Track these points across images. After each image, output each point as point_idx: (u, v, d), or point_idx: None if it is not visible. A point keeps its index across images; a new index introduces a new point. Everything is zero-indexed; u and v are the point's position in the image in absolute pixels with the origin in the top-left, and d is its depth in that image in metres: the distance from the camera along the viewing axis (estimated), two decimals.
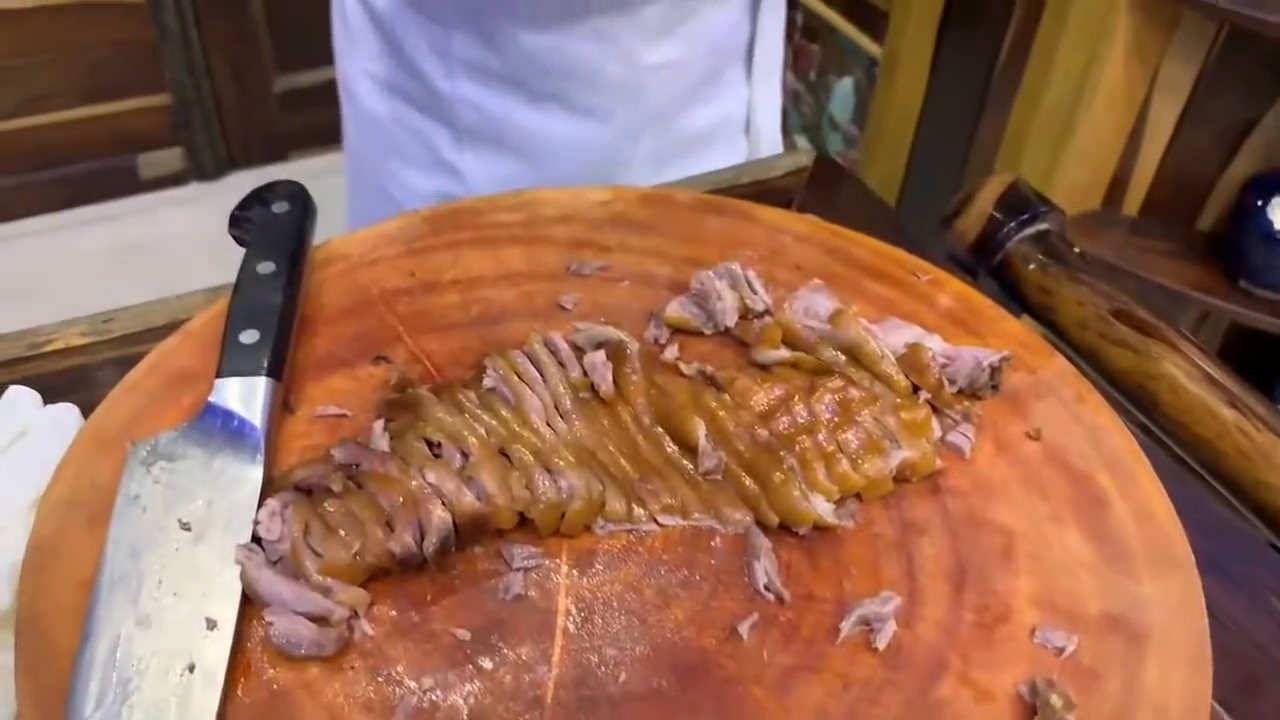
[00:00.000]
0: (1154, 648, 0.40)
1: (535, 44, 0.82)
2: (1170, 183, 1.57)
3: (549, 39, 0.82)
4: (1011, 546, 0.43)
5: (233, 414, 0.44)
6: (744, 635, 0.40)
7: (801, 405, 0.46)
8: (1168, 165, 1.56)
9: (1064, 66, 1.46)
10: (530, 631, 0.39)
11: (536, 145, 0.87)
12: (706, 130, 0.92)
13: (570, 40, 0.82)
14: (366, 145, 0.96)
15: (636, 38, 0.83)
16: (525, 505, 0.42)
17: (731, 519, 0.43)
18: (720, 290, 0.52)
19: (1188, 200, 1.58)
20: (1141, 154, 1.55)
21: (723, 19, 0.88)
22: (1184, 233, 1.59)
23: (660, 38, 0.84)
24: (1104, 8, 1.38)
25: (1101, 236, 1.58)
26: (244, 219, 0.53)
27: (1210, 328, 1.71)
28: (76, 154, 2.31)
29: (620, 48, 0.83)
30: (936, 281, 0.56)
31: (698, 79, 0.89)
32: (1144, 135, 1.53)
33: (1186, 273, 1.53)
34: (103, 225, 2.34)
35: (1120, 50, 1.42)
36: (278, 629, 0.38)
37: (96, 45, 2.20)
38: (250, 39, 2.32)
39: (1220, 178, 1.53)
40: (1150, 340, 0.60)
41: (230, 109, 2.39)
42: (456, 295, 0.53)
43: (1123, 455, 0.48)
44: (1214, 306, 1.51)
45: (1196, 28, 1.42)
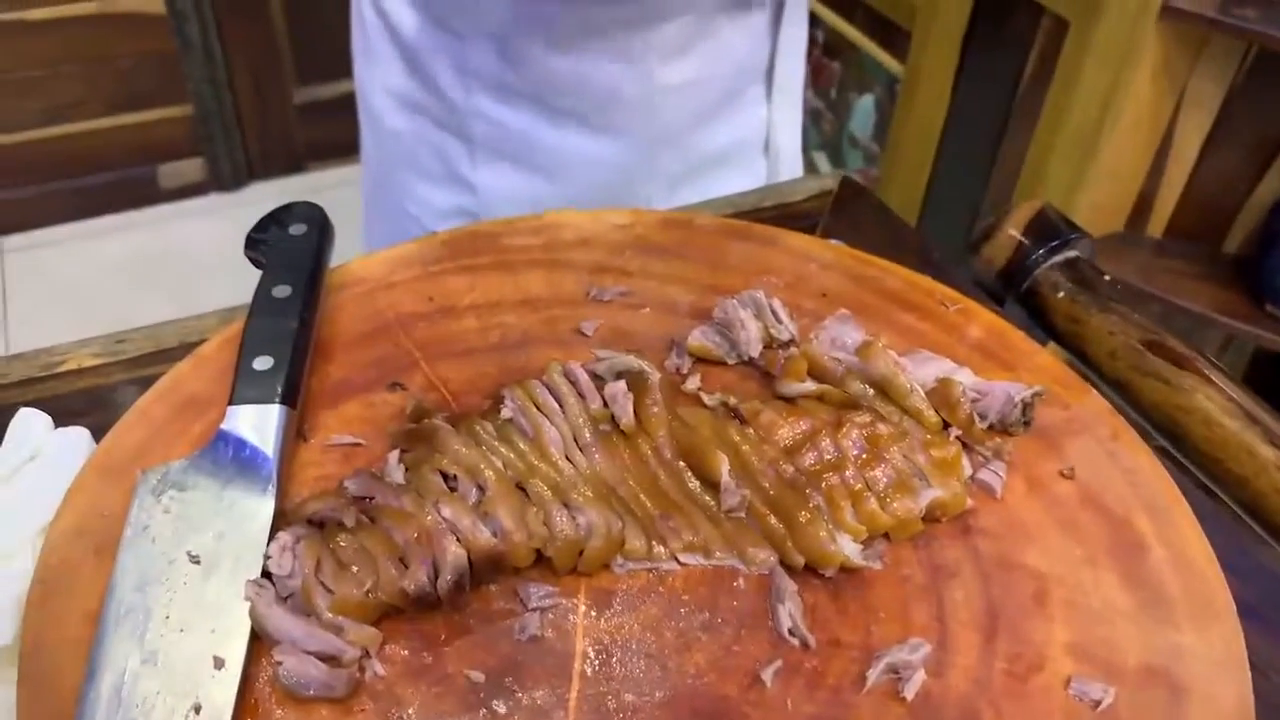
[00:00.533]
0: (1195, 702, 0.38)
1: (553, 62, 0.81)
2: (1196, 204, 1.55)
3: (567, 57, 0.81)
4: (1045, 591, 0.42)
5: (245, 443, 0.43)
6: (767, 682, 0.38)
7: (828, 441, 0.45)
8: (1194, 186, 1.54)
9: (1089, 86, 1.44)
10: (546, 674, 0.38)
11: (553, 162, 0.86)
12: (725, 150, 0.91)
13: (588, 58, 0.81)
14: (384, 160, 0.95)
15: (654, 56, 0.83)
16: (542, 542, 0.41)
17: (755, 559, 0.42)
18: (744, 319, 0.51)
19: (1214, 222, 1.56)
20: (1167, 175, 1.53)
21: (742, 38, 0.87)
22: (1209, 255, 1.56)
23: (678, 57, 0.84)
24: (1130, 27, 1.37)
25: (1126, 258, 1.56)
26: (260, 241, 0.52)
27: (1235, 352, 1.68)
28: (98, 164, 2.32)
29: (638, 66, 0.83)
30: (966, 311, 0.55)
31: (716, 98, 0.88)
32: (1170, 156, 1.51)
33: (1212, 296, 1.50)
34: (123, 234, 2.35)
35: (1147, 70, 1.40)
36: (287, 668, 0.37)
37: (119, 56, 2.21)
38: (271, 51, 2.33)
39: (1247, 199, 1.51)
40: (1183, 372, 0.58)
41: (250, 120, 2.40)
42: (474, 320, 0.52)
43: (1160, 497, 0.46)
44: (1239, 330, 1.49)
45: (1225, 47, 1.40)
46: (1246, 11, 1.32)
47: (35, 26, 2.09)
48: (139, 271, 2.23)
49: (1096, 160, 1.49)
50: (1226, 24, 1.31)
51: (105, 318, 0.54)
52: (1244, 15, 1.31)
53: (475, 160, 0.88)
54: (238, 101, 2.36)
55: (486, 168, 0.88)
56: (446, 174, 0.89)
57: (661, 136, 0.87)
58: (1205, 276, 1.54)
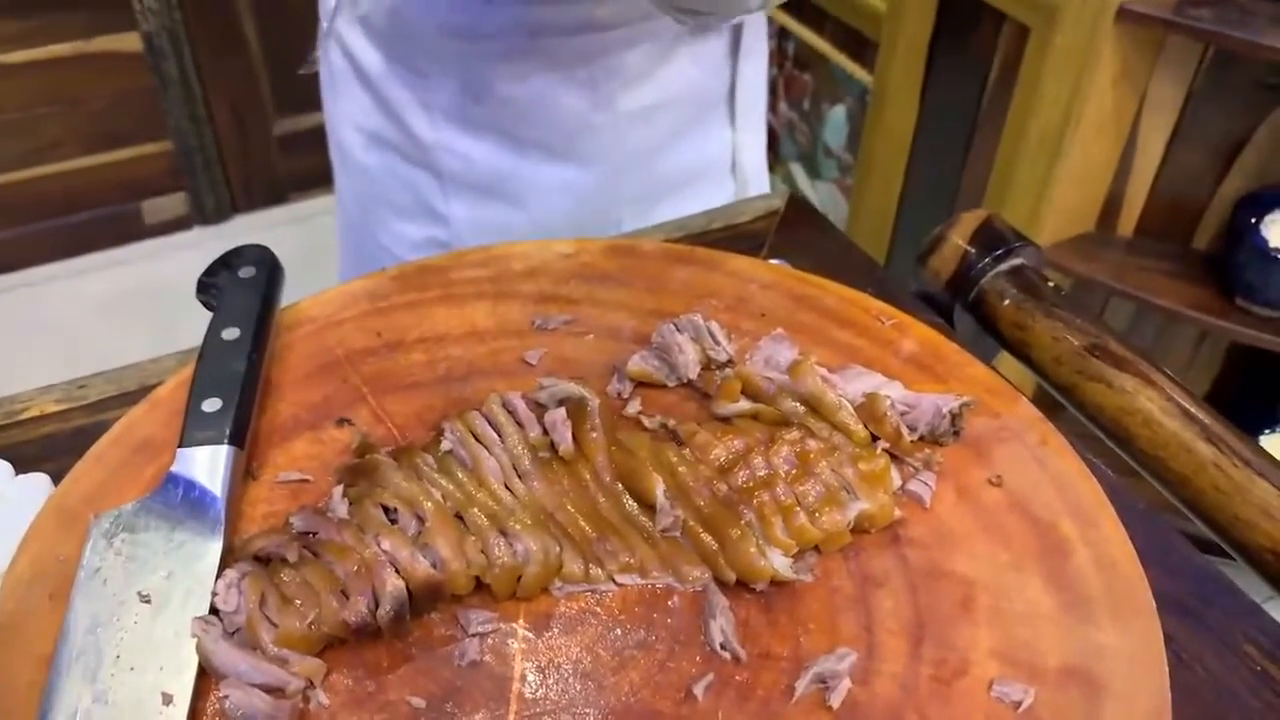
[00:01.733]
0: (1112, 699, 0.40)
1: (516, 93, 0.83)
2: (1164, 203, 1.57)
3: (529, 89, 0.83)
4: (971, 598, 0.43)
5: (194, 484, 0.45)
6: (699, 696, 0.40)
7: (760, 458, 0.46)
8: (1160, 186, 1.56)
9: (1051, 91, 1.46)
10: (485, 698, 0.39)
11: (522, 191, 0.88)
12: (691, 172, 0.93)
13: (551, 89, 0.83)
14: (356, 194, 0.97)
15: (616, 85, 0.84)
16: (481, 570, 0.42)
17: (689, 576, 0.43)
18: (681, 343, 0.52)
19: (1182, 220, 1.58)
20: (1133, 175, 1.55)
21: (701, 65, 0.88)
22: (1180, 252, 1.59)
23: (639, 83, 0.85)
24: (1089, 31, 1.39)
25: (1097, 259, 1.58)
26: (211, 284, 0.54)
27: (1211, 346, 1.70)
28: (81, 202, 2.34)
29: (600, 94, 0.84)
30: (901, 326, 0.56)
31: (680, 123, 0.90)
32: (1135, 157, 1.54)
33: (1183, 292, 1.52)
34: (109, 271, 2.36)
35: (1107, 73, 1.42)
36: (233, 702, 0.38)
37: (98, 95, 2.24)
38: (250, 83, 2.35)
39: (1213, 197, 1.53)
40: (1125, 375, 0.60)
41: (232, 153, 2.42)
42: (422, 354, 0.54)
43: (1087, 501, 0.48)
44: (1212, 325, 1.51)
45: (1183, 49, 1.42)
46: (1201, 12, 1.34)
47: (13, 69, 2.11)
48: (125, 308, 2.25)
49: (1063, 163, 1.51)
50: (1182, 25, 1.34)
51: (92, 356, 0.56)
52: (1199, 16, 1.34)
53: (446, 193, 0.89)
54: (218, 135, 2.38)
55: (457, 199, 0.89)
56: (418, 207, 0.91)
57: (627, 162, 0.88)
58: (1176, 274, 1.56)
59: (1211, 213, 1.54)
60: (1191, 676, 0.47)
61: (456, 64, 0.83)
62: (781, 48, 2.05)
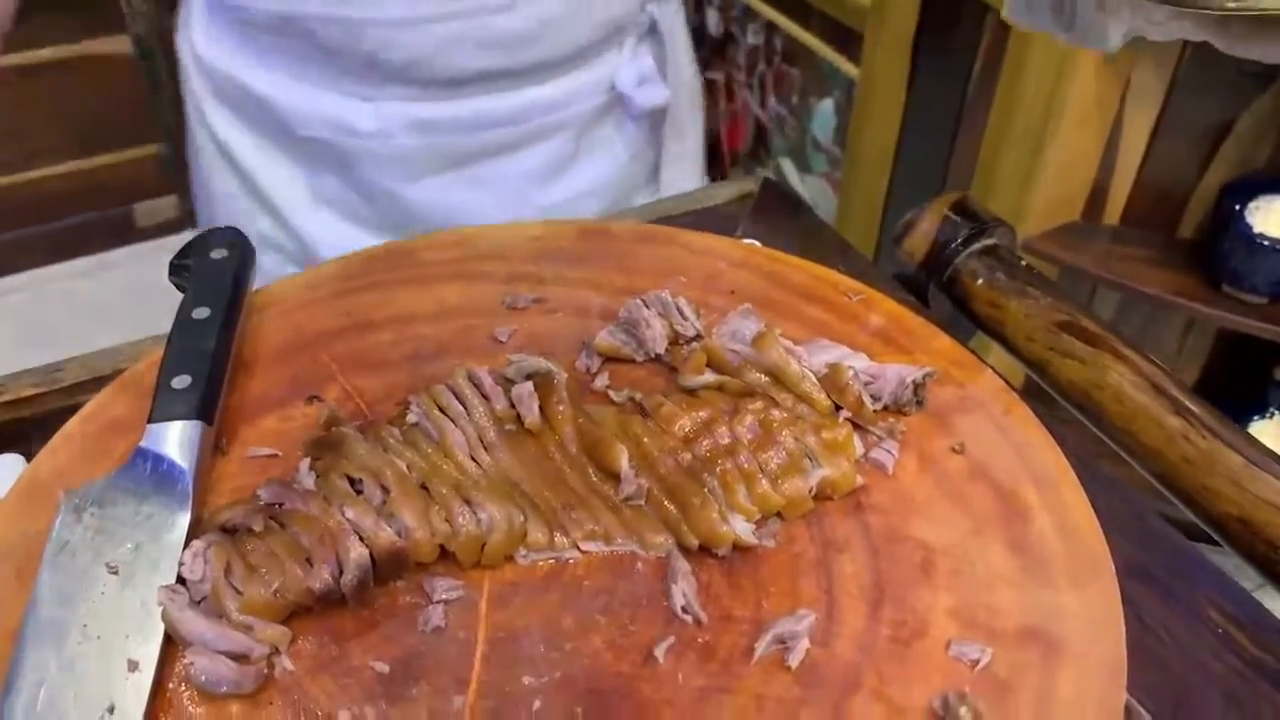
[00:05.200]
0: (1069, 659, 0.40)
1: (411, 194, 0.80)
2: (1149, 191, 1.58)
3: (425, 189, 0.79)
4: (931, 562, 0.44)
5: (162, 458, 0.45)
6: (660, 658, 0.40)
7: (724, 428, 0.46)
8: (1145, 174, 1.57)
9: (1034, 81, 1.47)
10: (448, 663, 0.40)
11: None
12: None
13: (449, 189, 0.79)
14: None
15: (525, 182, 0.81)
16: (445, 538, 0.42)
17: (653, 543, 0.44)
18: (648, 318, 0.53)
19: (1167, 208, 1.58)
20: (1118, 164, 1.56)
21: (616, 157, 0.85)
22: (1165, 240, 1.59)
23: (551, 180, 0.82)
24: None
25: (1083, 247, 1.59)
26: (182, 267, 0.54)
27: (1199, 333, 1.71)
28: (73, 206, 2.35)
29: (506, 193, 0.81)
30: (868, 301, 0.57)
31: (602, 207, 0.86)
32: (1119, 146, 1.54)
33: (1170, 280, 1.53)
34: (101, 275, 2.37)
35: (1090, 63, 1.42)
36: (198, 668, 0.38)
37: (89, 98, 2.24)
38: None
39: (1198, 184, 1.53)
40: (1096, 350, 0.60)
41: None
42: (390, 333, 0.54)
43: (1049, 469, 0.48)
44: (1199, 313, 1.51)
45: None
46: None
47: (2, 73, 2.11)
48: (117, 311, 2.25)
49: (1047, 152, 1.51)
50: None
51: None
52: None
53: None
54: None
55: None
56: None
57: None
58: (1162, 262, 1.56)
59: (1196, 201, 1.55)
60: (1156, 642, 0.47)
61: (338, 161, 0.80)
62: (769, 42, 2.06)
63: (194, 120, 0.89)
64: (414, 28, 0.74)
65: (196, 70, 0.87)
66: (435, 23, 0.74)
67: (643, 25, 0.85)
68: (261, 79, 0.81)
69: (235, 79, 0.83)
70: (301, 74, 0.79)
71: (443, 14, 0.74)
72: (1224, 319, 1.49)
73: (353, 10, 0.74)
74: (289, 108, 0.80)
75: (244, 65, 0.81)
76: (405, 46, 0.75)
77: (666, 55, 0.87)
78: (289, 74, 0.80)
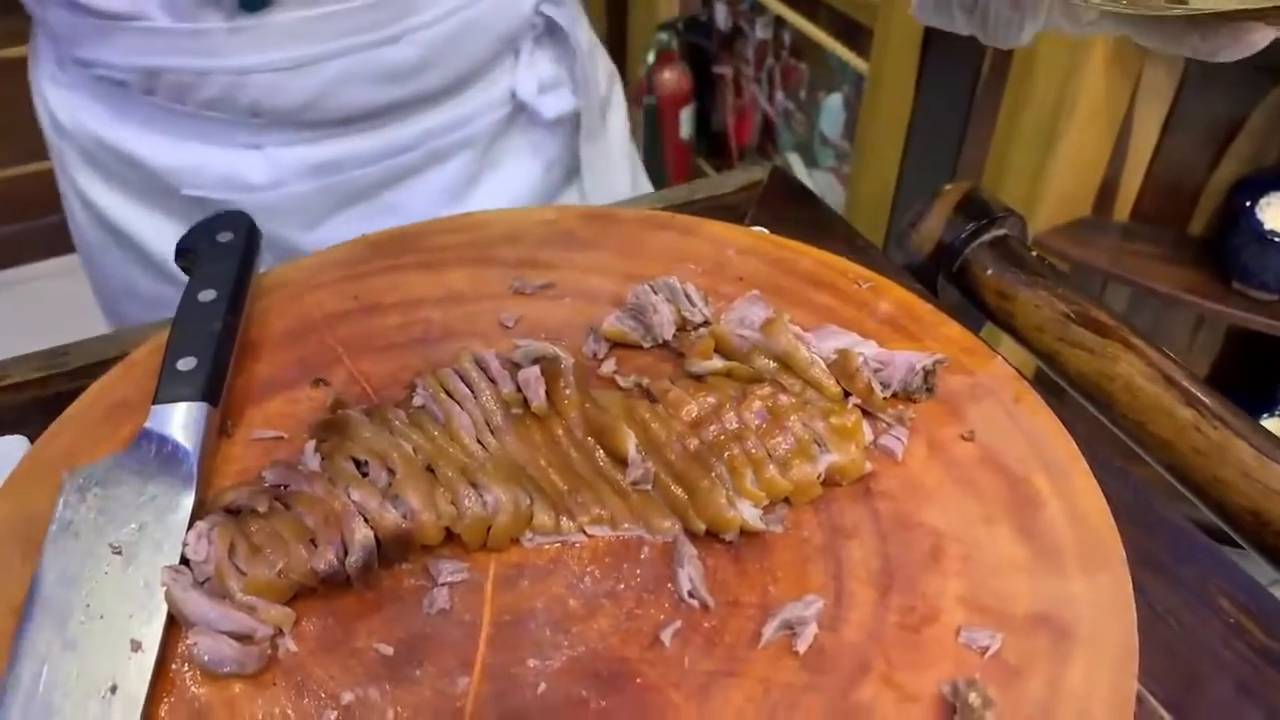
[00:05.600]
0: (1080, 646, 0.40)
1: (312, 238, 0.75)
2: (1159, 188, 1.57)
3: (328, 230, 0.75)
4: (941, 548, 0.43)
5: (167, 439, 0.45)
6: (666, 642, 0.40)
7: (731, 413, 0.46)
8: (1155, 170, 1.56)
9: (1045, 77, 1.46)
10: (453, 645, 0.40)
11: None
12: None
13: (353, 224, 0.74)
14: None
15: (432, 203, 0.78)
16: (451, 521, 0.42)
17: (660, 528, 0.44)
18: (657, 303, 0.52)
19: (1178, 204, 1.57)
20: (1129, 160, 1.55)
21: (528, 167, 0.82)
22: (1176, 237, 1.58)
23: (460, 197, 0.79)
24: None
25: (1093, 244, 1.58)
26: (189, 250, 0.54)
27: (1209, 330, 1.70)
28: None
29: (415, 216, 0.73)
30: (877, 288, 0.57)
31: None
32: (1130, 141, 1.53)
33: (1180, 277, 1.52)
34: None
35: (1100, 58, 1.42)
36: (201, 648, 0.38)
37: None
38: None
39: (1209, 181, 1.53)
40: (1107, 341, 0.60)
41: None
42: (398, 317, 0.54)
43: (1060, 456, 0.48)
44: (1209, 310, 1.50)
45: None
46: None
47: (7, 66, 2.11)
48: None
49: (1058, 149, 1.51)
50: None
51: None
52: None
53: None
54: None
55: None
56: None
57: None
58: (1173, 258, 1.55)
59: (1207, 197, 1.54)
60: (1166, 630, 0.47)
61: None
62: (777, 37, 2.05)
63: (63, 187, 0.82)
64: (299, 71, 0.70)
65: (54, 131, 0.80)
66: (320, 63, 0.70)
67: (538, 28, 0.81)
68: (130, 137, 0.75)
69: (99, 138, 0.76)
70: (174, 129, 0.73)
71: (328, 53, 0.70)
72: (1234, 316, 1.48)
73: (230, 59, 0.69)
74: (166, 167, 0.74)
75: (108, 123, 0.75)
76: (291, 91, 0.71)
77: (573, 57, 0.82)
78: (160, 130, 0.73)
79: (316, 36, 0.69)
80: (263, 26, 0.68)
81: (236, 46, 0.68)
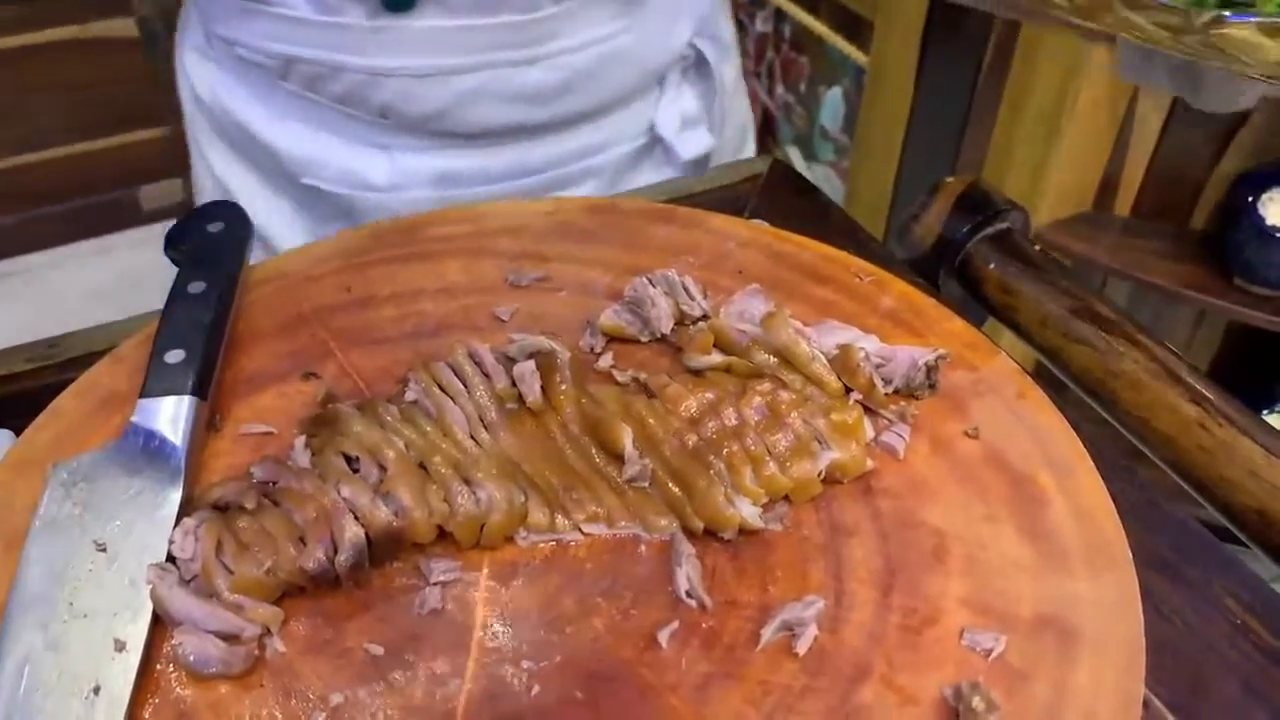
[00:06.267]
0: (1086, 648, 0.39)
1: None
2: (1161, 182, 1.56)
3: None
4: (944, 548, 0.42)
5: (155, 434, 0.44)
6: (663, 644, 0.39)
7: (730, 409, 0.45)
8: (1157, 165, 1.55)
9: (1046, 70, 1.45)
10: (445, 646, 0.39)
11: None
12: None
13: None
14: None
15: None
16: (443, 518, 0.41)
17: (657, 526, 0.43)
18: (654, 297, 0.51)
19: (1179, 199, 1.56)
20: (1130, 155, 1.54)
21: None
22: (1177, 232, 1.57)
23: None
24: None
25: (1094, 239, 1.57)
26: (179, 241, 0.53)
27: (1209, 326, 1.69)
28: (78, 189, 2.33)
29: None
30: (880, 283, 0.56)
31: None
32: (1132, 136, 1.52)
33: (1181, 272, 1.51)
34: (106, 258, 2.36)
35: (1102, 52, 1.41)
36: (186, 648, 0.37)
37: (94, 81, 2.23)
38: None
39: (1210, 176, 1.52)
40: (1111, 337, 0.59)
41: None
42: (392, 309, 0.53)
43: (1065, 453, 0.47)
44: (1210, 305, 1.49)
45: None
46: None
47: (8, 54, 2.10)
48: (122, 295, 2.24)
49: (1059, 142, 1.49)
50: None
51: None
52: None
53: None
54: None
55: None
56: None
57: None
58: (1174, 254, 1.54)
59: (1209, 192, 1.53)
60: (1171, 630, 0.46)
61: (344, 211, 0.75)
62: (778, 30, 2.04)
63: (193, 153, 0.84)
64: (433, 79, 0.70)
65: (191, 102, 0.82)
66: (456, 75, 0.70)
67: (688, 60, 0.79)
68: (261, 119, 0.76)
69: (232, 115, 0.77)
70: (305, 117, 0.74)
71: (464, 66, 0.70)
72: (1235, 312, 1.47)
73: (367, 58, 0.69)
74: (291, 154, 0.76)
75: (244, 102, 0.76)
76: (423, 98, 0.71)
77: (715, 94, 0.81)
78: (292, 117, 0.75)
79: (455, 47, 0.69)
80: (403, 29, 0.68)
81: (375, 46, 0.69)
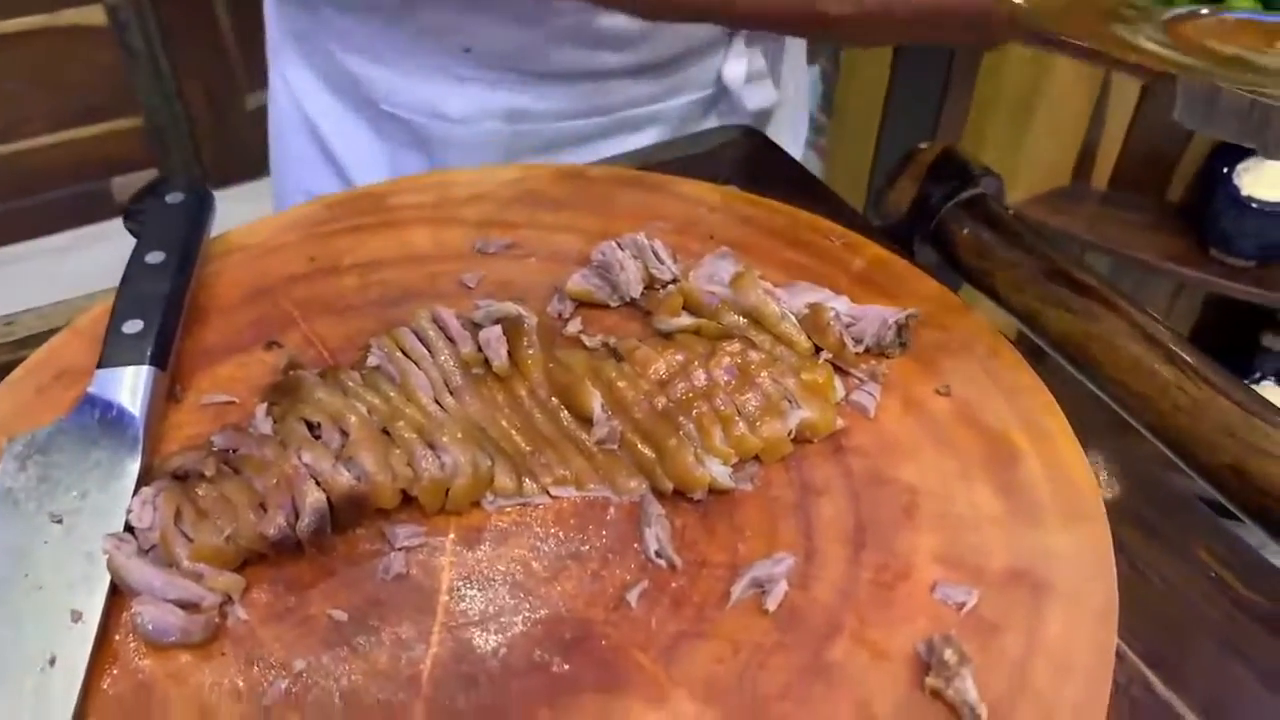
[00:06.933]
0: (1058, 600, 0.38)
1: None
2: (1138, 155, 1.56)
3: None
4: (915, 504, 0.42)
5: (112, 404, 0.43)
6: (632, 604, 0.38)
7: (700, 370, 0.45)
8: (1134, 137, 1.55)
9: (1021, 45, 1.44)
10: (410, 611, 0.38)
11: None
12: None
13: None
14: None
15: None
16: (407, 483, 0.41)
17: (626, 488, 0.42)
18: (623, 260, 0.51)
19: (1156, 171, 1.56)
20: (1107, 128, 1.54)
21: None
22: (1154, 204, 1.57)
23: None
24: None
25: (1072, 211, 1.57)
26: (138, 212, 0.52)
27: (1187, 298, 1.69)
28: (50, 180, 2.30)
29: None
30: (851, 245, 0.55)
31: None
32: (1108, 109, 1.52)
33: (1159, 244, 1.51)
34: (79, 250, 2.33)
35: None
36: (145, 617, 0.36)
37: (66, 70, 2.20)
38: (220, 56, 2.31)
39: (1187, 147, 1.52)
40: (1086, 300, 0.58)
41: (204, 128, 2.39)
42: (356, 278, 0.52)
43: (1037, 411, 0.46)
44: (1187, 277, 1.50)
45: None
46: None
47: None
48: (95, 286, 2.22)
49: (1036, 117, 1.49)
50: None
51: None
52: None
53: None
54: (189, 110, 2.34)
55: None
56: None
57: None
58: (1151, 226, 1.55)
59: (1185, 163, 1.53)
60: (1148, 587, 0.46)
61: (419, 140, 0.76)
62: None
63: (273, 75, 0.84)
64: (514, 23, 0.71)
65: (278, 26, 0.82)
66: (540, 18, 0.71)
67: None
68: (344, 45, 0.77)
69: (316, 42, 0.78)
70: (391, 44, 0.75)
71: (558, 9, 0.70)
72: (1212, 283, 1.47)
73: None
74: (372, 79, 0.76)
75: (327, 31, 0.77)
76: (507, 39, 0.71)
77: (784, 51, 0.83)
78: (379, 42, 0.75)
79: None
80: None
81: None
